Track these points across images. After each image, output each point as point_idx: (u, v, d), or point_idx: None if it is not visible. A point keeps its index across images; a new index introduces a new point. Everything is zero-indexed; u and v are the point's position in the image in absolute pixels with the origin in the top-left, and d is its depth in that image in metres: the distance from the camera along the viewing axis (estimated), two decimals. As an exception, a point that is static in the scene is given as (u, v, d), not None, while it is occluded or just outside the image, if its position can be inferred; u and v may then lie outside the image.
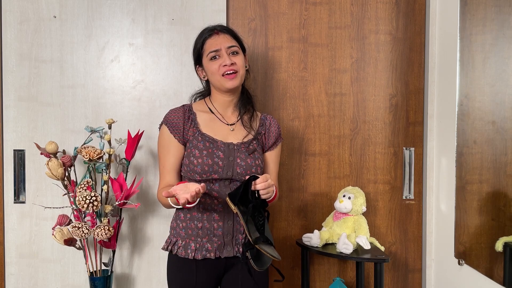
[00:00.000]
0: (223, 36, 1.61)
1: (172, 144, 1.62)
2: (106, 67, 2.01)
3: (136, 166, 2.01)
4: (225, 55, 1.58)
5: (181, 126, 1.62)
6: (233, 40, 1.62)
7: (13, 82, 1.98)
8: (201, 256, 1.57)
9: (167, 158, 1.63)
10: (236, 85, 1.60)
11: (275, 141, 1.71)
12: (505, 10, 1.51)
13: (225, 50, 1.59)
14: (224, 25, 1.70)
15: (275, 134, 1.71)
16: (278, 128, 1.73)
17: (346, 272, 2.14)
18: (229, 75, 1.58)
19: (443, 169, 1.98)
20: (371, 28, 2.10)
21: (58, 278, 2.02)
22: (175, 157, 1.62)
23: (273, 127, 1.71)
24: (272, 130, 1.71)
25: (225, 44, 1.59)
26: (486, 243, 1.62)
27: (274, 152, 1.72)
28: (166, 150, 1.63)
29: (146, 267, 2.05)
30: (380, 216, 2.13)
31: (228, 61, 1.57)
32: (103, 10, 2.00)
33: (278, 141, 1.73)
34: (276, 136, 1.71)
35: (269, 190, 1.47)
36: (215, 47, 1.59)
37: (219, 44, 1.59)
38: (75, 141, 1.99)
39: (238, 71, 1.59)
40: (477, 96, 1.69)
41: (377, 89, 2.11)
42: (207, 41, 1.61)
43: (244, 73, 1.64)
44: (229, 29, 1.66)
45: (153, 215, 2.04)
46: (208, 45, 1.61)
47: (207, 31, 1.63)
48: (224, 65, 1.57)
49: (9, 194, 1.99)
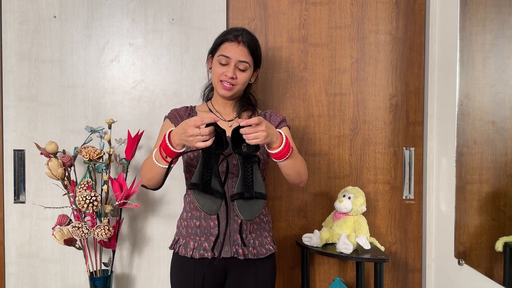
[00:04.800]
0: (241, 49, 1.59)
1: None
2: (106, 67, 2.01)
3: (136, 166, 2.01)
4: (231, 67, 1.58)
5: (180, 119, 1.64)
6: (248, 56, 1.60)
7: (13, 82, 1.98)
8: (199, 255, 1.57)
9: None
10: (227, 95, 1.63)
11: (277, 125, 1.65)
12: (505, 10, 1.51)
13: (235, 63, 1.59)
14: (250, 34, 1.63)
15: (278, 120, 1.66)
16: (280, 116, 1.67)
17: (346, 272, 2.14)
18: (225, 85, 1.60)
19: (443, 169, 1.98)
20: (371, 28, 2.10)
21: (58, 278, 2.02)
22: None
23: (273, 116, 1.67)
24: (273, 118, 1.67)
25: (238, 57, 1.58)
26: (486, 243, 1.62)
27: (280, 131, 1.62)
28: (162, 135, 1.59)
29: (146, 267, 2.05)
30: (380, 216, 2.13)
31: (230, 74, 1.58)
32: (103, 10, 2.00)
33: (281, 124, 1.65)
34: (278, 121, 1.65)
35: (257, 136, 1.30)
36: (227, 54, 1.59)
37: (232, 54, 1.59)
38: (75, 141, 1.99)
39: (235, 85, 1.61)
40: (477, 96, 1.69)
41: (377, 89, 2.11)
42: (225, 44, 1.61)
43: (242, 88, 1.64)
44: (251, 43, 1.62)
45: (153, 215, 2.04)
46: (223, 48, 1.61)
47: (232, 35, 1.61)
48: (225, 75, 1.59)
49: (9, 194, 1.99)
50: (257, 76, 1.72)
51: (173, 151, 1.39)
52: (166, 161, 1.42)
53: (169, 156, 1.40)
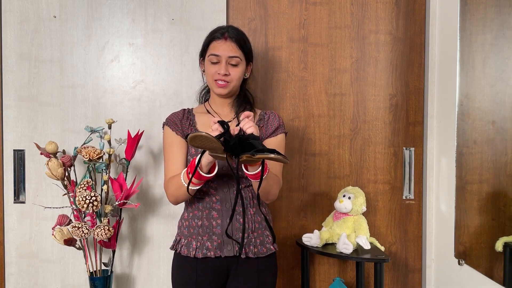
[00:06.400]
0: (229, 44, 1.60)
1: (174, 139, 1.64)
2: (106, 67, 2.01)
3: (136, 166, 2.01)
4: (223, 64, 1.59)
5: (179, 124, 1.65)
6: (237, 50, 1.61)
7: (13, 82, 1.98)
8: (202, 254, 1.57)
9: (171, 151, 1.64)
10: (223, 93, 1.63)
11: (274, 130, 1.66)
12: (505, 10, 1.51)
13: (225, 59, 1.60)
14: (236, 29, 1.64)
15: (275, 124, 1.67)
16: (279, 119, 1.68)
17: (346, 272, 2.14)
18: (220, 83, 1.61)
19: (443, 169, 1.98)
20: (371, 28, 2.10)
21: (58, 278, 2.02)
22: (178, 149, 1.63)
23: (271, 119, 1.68)
24: (270, 122, 1.67)
25: (227, 54, 1.59)
26: (486, 243, 1.62)
27: (274, 139, 1.65)
28: (169, 145, 1.65)
29: (146, 267, 2.05)
30: (380, 216, 2.13)
31: (223, 71, 1.59)
32: (103, 10, 2.00)
33: (278, 131, 1.67)
34: (276, 126, 1.66)
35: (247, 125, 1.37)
36: (217, 52, 1.60)
37: (221, 51, 1.60)
38: (75, 141, 1.99)
39: (230, 82, 1.61)
40: (477, 96, 1.69)
41: (377, 89, 2.11)
42: (213, 43, 1.62)
43: (237, 84, 1.65)
44: (238, 37, 1.62)
45: (153, 215, 2.04)
46: (212, 47, 1.62)
47: (218, 33, 1.62)
48: (218, 73, 1.60)
49: (9, 194, 1.99)
50: (251, 70, 1.72)
51: (207, 176, 1.46)
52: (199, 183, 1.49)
53: (203, 179, 1.48)
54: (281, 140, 1.67)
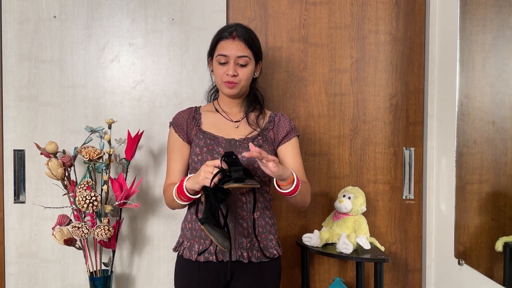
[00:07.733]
0: (237, 44, 1.56)
1: (177, 143, 1.64)
2: (106, 67, 2.01)
3: (136, 166, 2.01)
4: (231, 64, 1.56)
5: (184, 125, 1.64)
6: (246, 50, 1.57)
7: (13, 82, 1.98)
8: (204, 258, 1.55)
9: (172, 157, 1.64)
10: (233, 94, 1.61)
11: (286, 134, 1.65)
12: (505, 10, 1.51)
13: (234, 60, 1.56)
14: (244, 27, 1.61)
15: (287, 128, 1.65)
16: (289, 123, 1.67)
17: (346, 272, 2.14)
18: (228, 83, 1.58)
19: (443, 169, 1.98)
20: (371, 28, 2.10)
21: (58, 278, 2.02)
22: (178, 155, 1.63)
23: (282, 122, 1.66)
24: (281, 125, 1.66)
25: (235, 53, 1.56)
26: (486, 243, 1.62)
27: (289, 145, 1.64)
28: (171, 149, 1.65)
29: (146, 267, 2.05)
30: (380, 216, 2.13)
31: (231, 71, 1.55)
32: (103, 10, 2.00)
33: (291, 135, 1.65)
34: (287, 130, 1.65)
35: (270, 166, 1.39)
36: (225, 52, 1.56)
37: (229, 51, 1.56)
38: (75, 141, 1.99)
39: (238, 83, 1.58)
40: (477, 96, 1.69)
41: (377, 89, 2.11)
42: (221, 43, 1.58)
43: (246, 84, 1.62)
44: (246, 36, 1.58)
45: (153, 215, 2.04)
46: (220, 47, 1.58)
47: (226, 32, 1.59)
48: (227, 74, 1.57)
49: (9, 194, 1.99)
50: (261, 68, 1.68)
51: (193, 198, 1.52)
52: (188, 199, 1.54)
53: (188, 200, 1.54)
54: (295, 144, 1.66)
